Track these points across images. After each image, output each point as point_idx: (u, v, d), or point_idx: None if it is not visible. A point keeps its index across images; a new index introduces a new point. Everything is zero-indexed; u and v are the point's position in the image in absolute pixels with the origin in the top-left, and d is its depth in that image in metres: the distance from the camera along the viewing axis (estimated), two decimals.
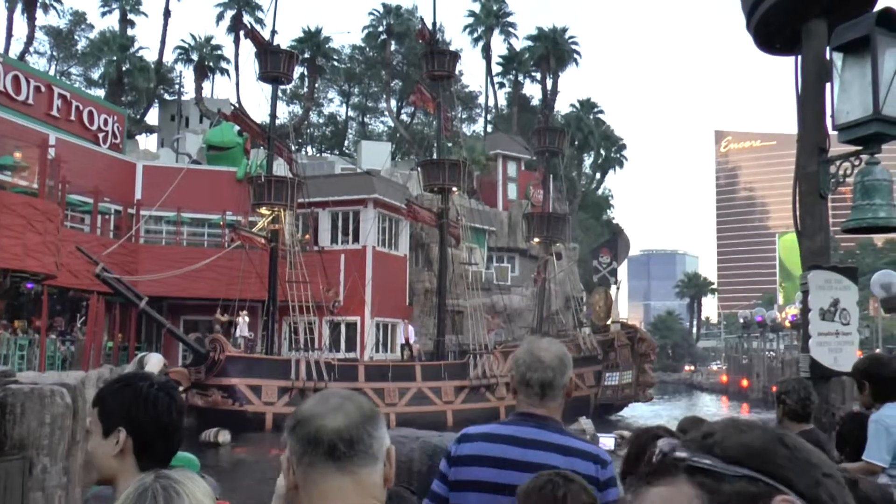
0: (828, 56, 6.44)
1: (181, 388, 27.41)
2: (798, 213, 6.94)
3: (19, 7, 59.37)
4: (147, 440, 2.34)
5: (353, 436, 1.69)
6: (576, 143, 68.76)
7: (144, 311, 31.04)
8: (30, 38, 61.54)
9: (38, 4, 60.46)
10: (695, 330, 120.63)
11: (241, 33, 56.25)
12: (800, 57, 6.86)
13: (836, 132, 6.49)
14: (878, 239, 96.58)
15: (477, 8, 72.23)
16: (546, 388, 3.06)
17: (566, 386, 3.11)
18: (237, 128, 40.58)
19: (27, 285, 30.84)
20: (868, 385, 4.90)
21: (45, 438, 5.82)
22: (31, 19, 60.61)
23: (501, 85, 75.63)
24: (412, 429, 4.46)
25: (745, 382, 65.55)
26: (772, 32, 7.05)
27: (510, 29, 73.70)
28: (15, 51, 58.44)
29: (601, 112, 75.89)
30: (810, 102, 6.76)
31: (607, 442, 4.11)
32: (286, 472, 1.71)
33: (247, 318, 34.47)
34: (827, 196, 6.78)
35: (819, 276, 6.70)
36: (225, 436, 28.69)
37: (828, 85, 6.50)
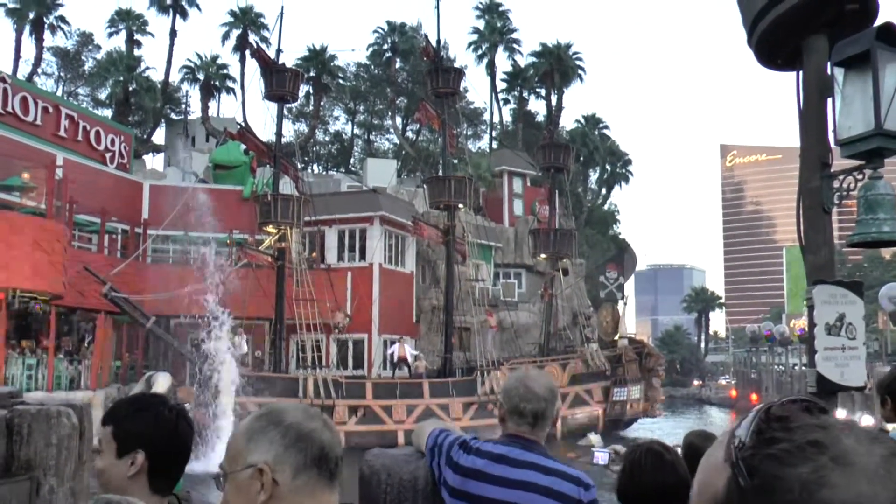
0: (829, 71, 6.46)
1: (188, 407, 27.41)
2: (802, 227, 6.94)
3: (27, 29, 59.83)
4: (164, 464, 2.40)
5: (341, 454, 1.79)
6: (581, 158, 68.79)
7: (151, 330, 31.07)
8: (37, 60, 61.99)
9: (46, 26, 60.89)
10: (703, 344, 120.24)
11: (247, 52, 56.65)
12: (801, 72, 6.88)
13: (838, 147, 6.50)
14: (886, 252, 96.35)
15: (481, 25, 72.42)
16: (538, 418, 3.15)
17: (553, 417, 3.21)
18: (243, 146, 40.73)
19: (35, 305, 30.94)
20: (890, 400, 4.91)
21: (51, 459, 5.84)
22: (39, 40, 61.06)
23: (506, 101, 75.71)
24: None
25: (754, 397, 65.28)
26: (773, 48, 7.08)
27: (514, 45, 73.85)
28: (23, 72, 58.84)
29: (606, 127, 75.99)
30: (812, 117, 6.77)
31: (601, 457, 4.14)
32: (264, 480, 1.69)
33: (243, 336, 33.91)
34: (830, 211, 6.78)
35: (824, 291, 6.70)
36: None
37: (829, 100, 6.52)
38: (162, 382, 27.17)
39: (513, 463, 3.08)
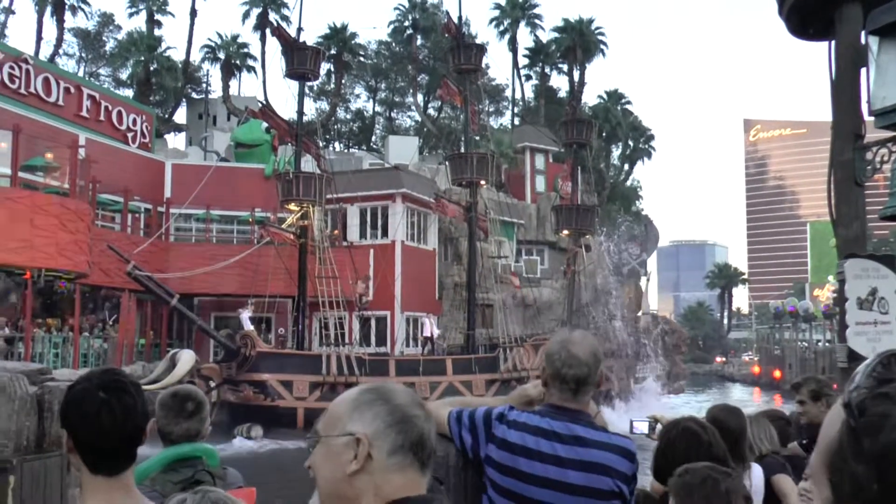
0: (863, 40, 6.34)
1: (213, 385, 27.62)
2: (833, 201, 6.84)
3: (48, 10, 59.99)
4: (91, 443, 2.28)
5: (435, 448, 1.81)
6: (603, 134, 68.34)
7: (175, 308, 31.26)
8: (59, 41, 62.17)
9: (67, 7, 60.99)
10: (725, 321, 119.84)
11: (268, 31, 56.45)
12: (833, 42, 6.76)
13: (871, 118, 6.39)
14: None
15: (503, 0, 72.00)
16: (581, 383, 3.07)
17: (598, 380, 3.12)
18: (265, 125, 40.78)
19: (60, 283, 31.21)
20: None
21: None
22: (60, 22, 61.20)
23: (528, 77, 75.35)
24: None
25: (777, 373, 65.09)
26: (805, 17, 6.96)
27: (536, 21, 73.37)
28: (45, 53, 59.01)
29: (629, 103, 75.40)
30: (845, 88, 6.66)
31: (641, 426, 4.11)
32: (360, 450, 1.70)
33: (247, 312, 33.92)
34: (863, 183, 6.68)
35: (856, 265, 6.61)
36: (257, 431, 28.90)
37: (863, 70, 6.40)
38: (186, 359, 27.30)
39: (563, 439, 3.02)
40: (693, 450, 3.22)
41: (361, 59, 70.18)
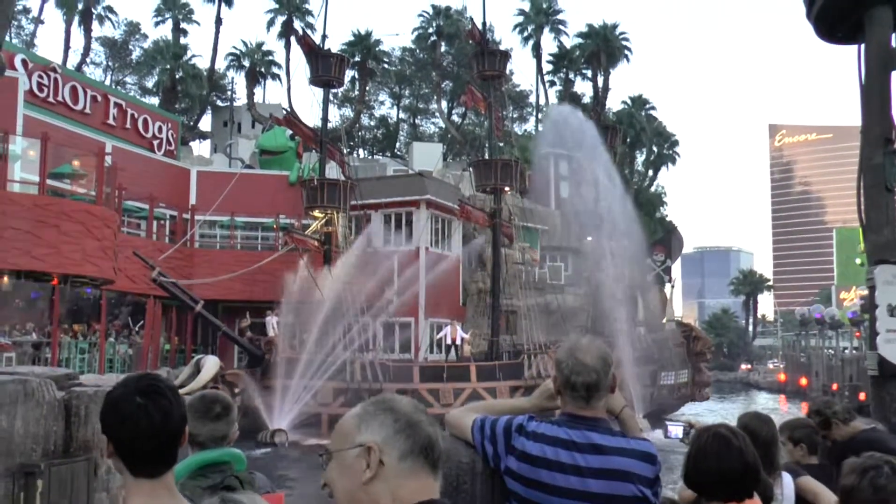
0: (893, 43, 6.28)
1: (237, 390, 27.71)
2: (863, 206, 6.76)
3: (76, 20, 60.66)
4: (130, 447, 2.28)
5: (443, 450, 1.89)
6: (628, 140, 68.07)
7: (200, 314, 31.38)
8: (86, 50, 62.96)
9: (94, 17, 61.76)
10: (751, 328, 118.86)
11: (292, 38, 56.85)
12: (863, 45, 6.69)
13: None
14: None
15: (527, 6, 72.05)
16: (591, 390, 3.05)
17: (610, 384, 3.10)
18: (289, 132, 40.94)
19: (86, 290, 31.43)
20: None
21: None
22: (88, 31, 61.94)
23: (552, 83, 75.32)
24: None
25: (803, 381, 64.42)
26: (833, 21, 6.89)
27: (560, 27, 73.40)
28: (72, 62, 59.72)
29: (653, 108, 75.21)
30: (874, 92, 6.59)
31: (675, 430, 4.09)
32: (371, 458, 1.78)
33: (275, 318, 33.93)
34: (893, 188, 6.60)
35: (887, 271, 6.52)
36: (281, 436, 28.94)
37: (893, 73, 6.33)
38: (211, 365, 27.43)
39: (581, 448, 2.99)
40: (724, 455, 3.19)
41: (385, 65, 70.46)
